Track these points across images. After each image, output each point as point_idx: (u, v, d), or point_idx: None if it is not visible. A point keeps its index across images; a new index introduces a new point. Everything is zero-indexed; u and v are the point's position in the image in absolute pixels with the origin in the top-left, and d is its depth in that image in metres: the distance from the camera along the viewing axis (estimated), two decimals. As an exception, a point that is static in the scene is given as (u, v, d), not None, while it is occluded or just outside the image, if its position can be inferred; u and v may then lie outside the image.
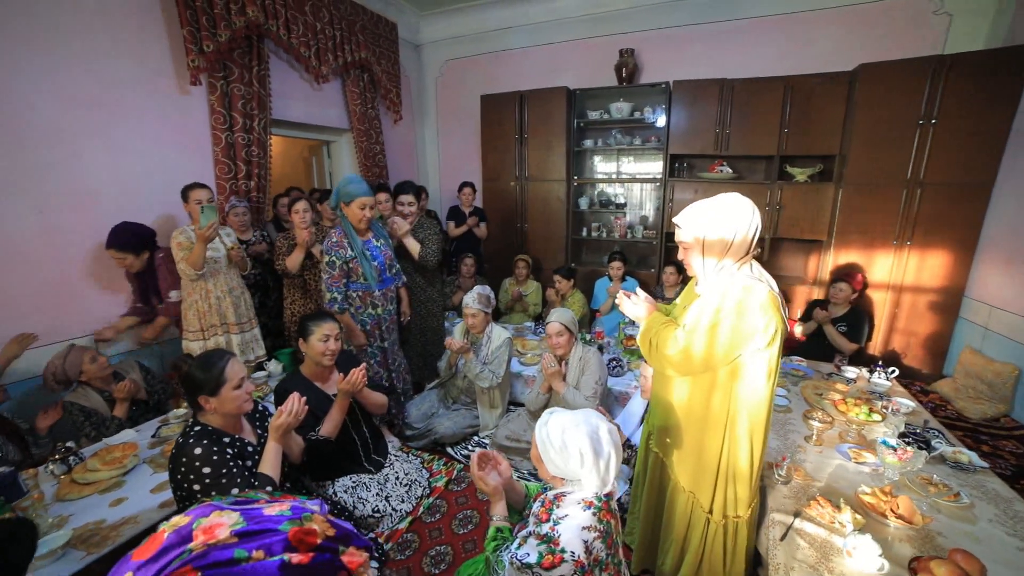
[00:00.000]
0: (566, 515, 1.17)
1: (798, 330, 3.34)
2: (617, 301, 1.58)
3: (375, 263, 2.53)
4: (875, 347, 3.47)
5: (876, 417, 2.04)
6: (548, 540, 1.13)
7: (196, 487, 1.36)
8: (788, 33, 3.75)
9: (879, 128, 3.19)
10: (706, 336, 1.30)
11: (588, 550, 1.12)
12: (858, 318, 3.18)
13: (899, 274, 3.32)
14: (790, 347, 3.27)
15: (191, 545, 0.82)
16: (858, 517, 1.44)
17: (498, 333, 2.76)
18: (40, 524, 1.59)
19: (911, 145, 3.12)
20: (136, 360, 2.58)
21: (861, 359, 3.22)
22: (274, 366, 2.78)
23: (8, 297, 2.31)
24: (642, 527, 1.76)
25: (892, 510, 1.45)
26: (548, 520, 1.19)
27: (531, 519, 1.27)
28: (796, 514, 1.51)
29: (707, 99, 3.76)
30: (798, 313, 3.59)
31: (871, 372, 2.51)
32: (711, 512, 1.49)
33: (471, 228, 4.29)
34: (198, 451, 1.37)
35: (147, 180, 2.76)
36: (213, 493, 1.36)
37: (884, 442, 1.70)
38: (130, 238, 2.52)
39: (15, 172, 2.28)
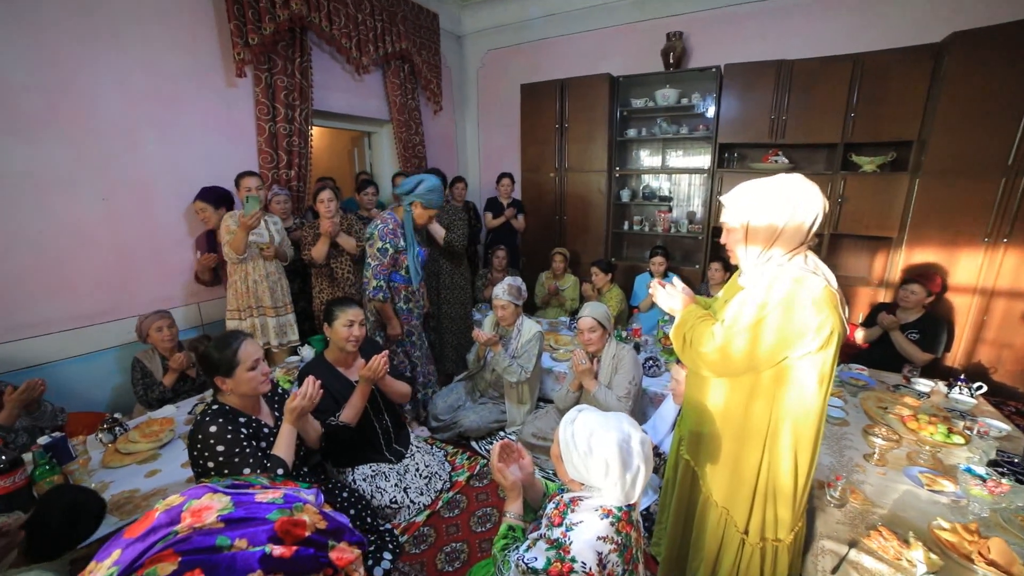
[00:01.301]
0: (580, 521, 1.07)
1: (859, 336, 3.02)
2: (651, 291, 1.44)
3: (419, 260, 2.58)
4: (954, 359, 3.08)
5: (958, 439, 1.77)
6: (558, 546, 1.03)
7: (210, 464, 1.37)
8: (859, 5, 3.38)
9: (972, 107, 2.78)
10: (748, 333, 1.13)
11: (601, 563, 1.01)
12: (933, 325, 2.82)
13: (990, 276, 2.90)
14: (850, 354, 2.95)
15: (177, 527, 0.79)
16: (933, 557, 1.22)
17: (528, 326, 2.67)
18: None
19: (1015, 127, 2.69)
20: (203, 338, 2.75)
21: (935, 371, 2.85)
22: (307, 351, 2.83)
23: (76, 276, 2.49)
24: (669, 540, 1.61)
25: (982, 554, 1.22)
26: (560, 524, 1.09)
27: (543, 521, 1.18)
28: (852, 544, 1.32)
29: (762, 83, 3.46)
30: (860, 317, 3.24)
31: (950, 387, 2.20)
32: (747, 533, 1.32)
33: (508, 220, 4.21)
34: (213, 429, 1.38)
35: (197, 169, 2.88)
36: (226, 471, 1.37)
37: (968, 470, 1.46)
38: (213, 194, 2.76)
39: (83, 162, 2.44)
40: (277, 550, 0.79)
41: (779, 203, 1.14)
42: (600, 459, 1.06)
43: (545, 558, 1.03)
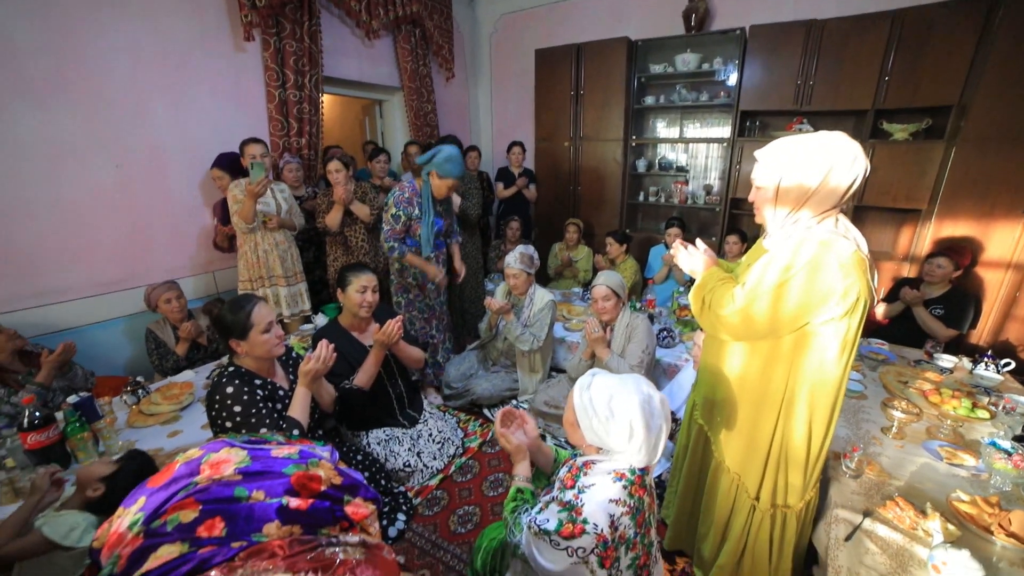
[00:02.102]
0: (593, 484, 1.07)
1: (880, 311, 2.93)
2: (673, 251, 1.39)
3: (434, 229, 2.55)
4: (980, 336, 2.99)
5: (982, 414, 1.72)
6: (570, 508, 1.04)
7: (228, 424, 1.40)
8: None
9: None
10: (770, 296, 1.09)
11: (613, 525, 1.01)
12: (959, 300, 2.72)
13: (1026, 251, 2.77)
14: (870, 330, 2.88)
15: (197, 478, 0.80)
16: (951, 528, 1.20)
17: (541, 295, 2.65)
18: (111, 445, 1.76)
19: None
20: (216, 301, 2.81)
21: (959, 348, 2.77)
22: (320, 319, 2.85)
23: (94, 244, 2.52)
24: (679, 504, 1.62)
25: (1002, 525, 1.20)
26: (573, 487, 1.09)
27: (556, 484, 1.19)
28: (867, 513, 1.30)
29: (789, 45, 3.28)
30: (882, 293, 3.15)
31: (975, 363, 2.14)
32: (758, 499, 1.32)
33: (520, 190, 4.14)
34: (230, 390, 1.40)
35: (207, 137, 2.86)
36: (243, 431, 1.39)
37: (994, 443, 1.42)
38: (229, 162, 2.78)
39: (96, 128, 2.43)
40: (294, 502, 0.80)
41: (815, 162, 1.07)
42: (623, 422, 1.04)
43: (557, 520, 1.03)
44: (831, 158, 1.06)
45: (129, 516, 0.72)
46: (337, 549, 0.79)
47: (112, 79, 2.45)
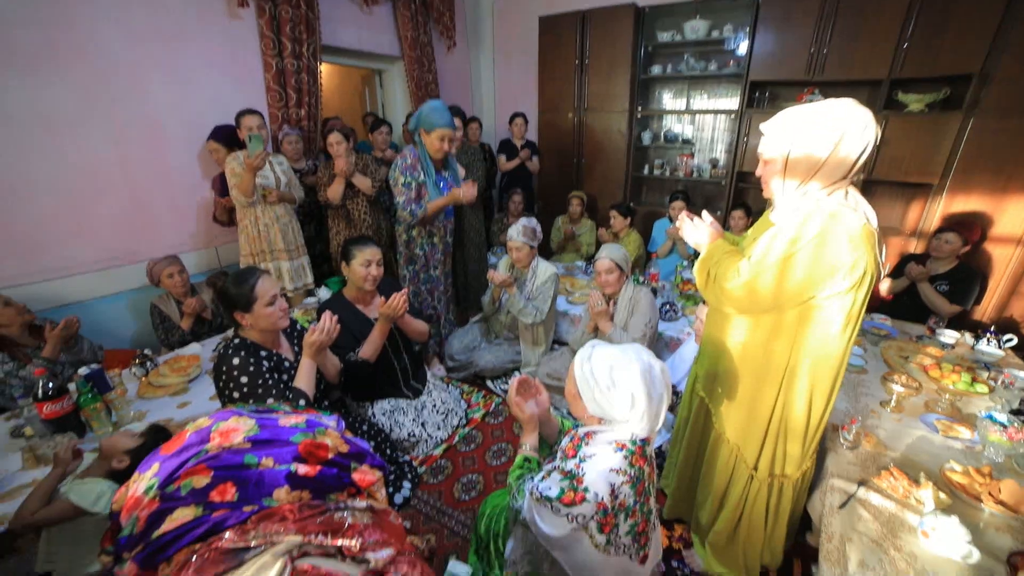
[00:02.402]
0: (594, 454, 1.09)
1: (884, 287, 2.92)
2: (678, 223, 1.38)
3: (441, 191, 2.52)
4: (984, 312, 2.98)
5: (981, 388, 1.74)
6: (572, 477, 1.06)
7: (235, 395, 1.42)
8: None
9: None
10: (775, 269, 1.08)
11: (614, 494, 1.04)
12: (965, 276, 2.70)
13: (1042, 227, 2.71)
14: (873, 305, 2.87)
15: (208, 446, 0.83)
16: (942, 496, 1.23)
17: (544, 268, 2.65)
18: (124, 415, 1.81)
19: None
20: (220, 274, 2.82)
21: (962, 324, 2.77)
22: (324, 293, 2.87)
23: (95, 219, 2.51)
24: (679, 473, 1.66)
25: (992, 494, 1.23)
26: (575, 457, 1.11)
27: (558, 454, 1.21)
28: (861, 483, 1.33)
29: (804, 11, 3.15)
30: (887, 269, 3.13)
31: (977, 338, 2.14)
32: (756, 469, 1.35)
33: (523, 162, 4.08)
34: (236, 361, 1.42)
35: (205, 109, 2.81)
36: (251, 401, 1.42)
37: (990, 416, 1.44)
38: (226, 134, 2.74)
39: (91, 103, 2.39)
40: (302, 468, 0.83)
41: (825, 131, 1.04)
42: (625, 392, 1.05)
43: (559, 488, 1.05)
44: (842, 126, 1.03)
45: (144, 481, 0.75)
46: (345, 513, 0.81)
47: (103, 48, 2.39)
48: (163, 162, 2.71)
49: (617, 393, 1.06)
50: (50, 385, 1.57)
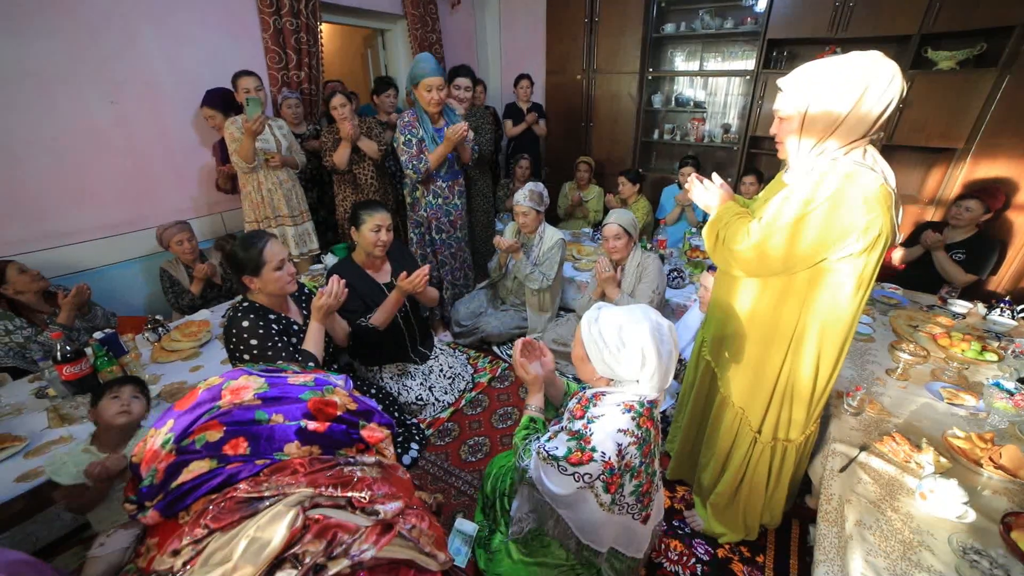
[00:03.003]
0: (602, 415, 1.10)
1: (896, 256, 2.86)
2: (688, 186, 1.35)
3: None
4: (1000, 282, 2.91)
5: (990, 357, 1.72)
6: (579, 437, 1.07)
7: (246, 357, 1.45)
8: None
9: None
10: (787, 231, 1.05)
11: (620, 454, 1.06)
12: (983, 245, 2.63)
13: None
14: (884, 274, 2.83)
15: (220, 403, 0.85)
16: (942, 460, 1.25)
17: (551, 234, 2.62)
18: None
19: None
20: (228, 237, 2.80)
21: (975, 294, 2.72)
22: (330, 259, 2.86)
23: (97, 184, 2.49)
24: (683, 436, 1.69)
25: (992, 459, 1.24)
26: (582, 418, 1.12)
27: (565, 415, 1.23)
28: (863, 447, 1.35)
29: (832, -41, 2.97)
30: (901, 238, 3.05)
31: (990, 308, 2.11)
32: (759, 432, 1.36)
33: (531, 126, 3.97)
34: (246, 324, 1.44)
35: (201, 70, 2.72)
36: (261, 363, 1.45)
37: (997, 384, 1.43)
38: (220, 99, 2.67)
39: (84, 60, 2.32)
40: (311, 425, 0.85)
41: (848, 84, 0.99)
42: (635, 350, 1.05)
43: (566, 447, 1.07)
44: (866, 78, 0.98)
45: (160, 436, 0.77)
46: (355, 467, 0.84)
47: (94, 7, 2.30)
48: (161, 125, 2.65)
49: (627, 352, 1.06)
50: (68, 348, 1.61)
